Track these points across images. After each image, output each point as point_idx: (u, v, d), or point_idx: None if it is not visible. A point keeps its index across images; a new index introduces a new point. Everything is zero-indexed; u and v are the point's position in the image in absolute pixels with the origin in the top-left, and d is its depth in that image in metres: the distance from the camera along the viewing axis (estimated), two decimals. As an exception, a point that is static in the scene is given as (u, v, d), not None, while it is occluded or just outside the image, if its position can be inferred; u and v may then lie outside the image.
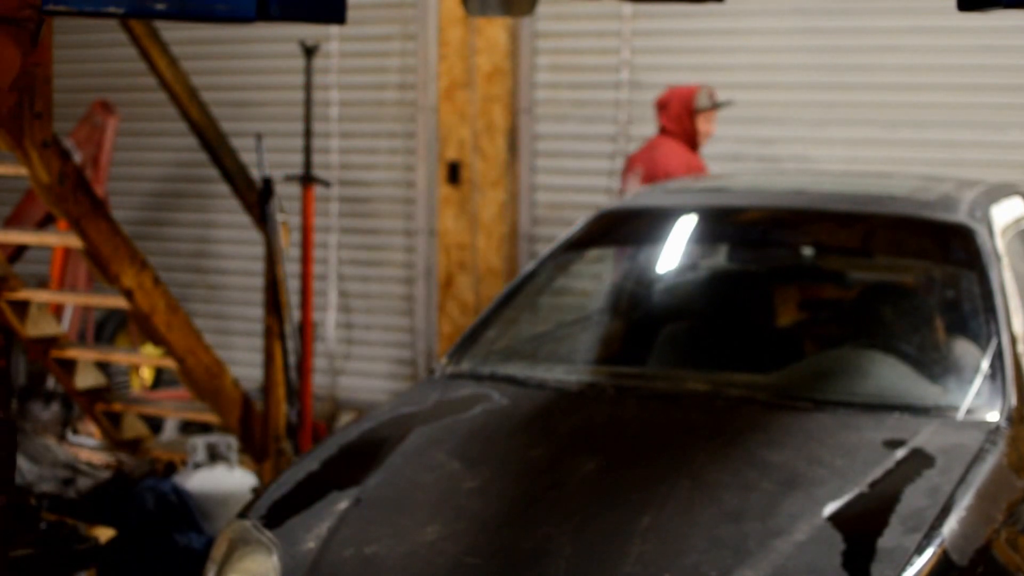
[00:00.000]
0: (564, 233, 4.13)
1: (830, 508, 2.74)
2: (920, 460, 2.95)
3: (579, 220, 4.15)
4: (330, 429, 6.23)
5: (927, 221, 3.72)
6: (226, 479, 4.66)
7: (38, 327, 4.97)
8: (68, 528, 4.01)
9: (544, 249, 4.57)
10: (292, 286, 5.71)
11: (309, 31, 6.18)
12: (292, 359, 5.10)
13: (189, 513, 4.48)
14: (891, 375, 3.43)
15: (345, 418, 6.75)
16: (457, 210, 6.74)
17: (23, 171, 4.12)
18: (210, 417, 5.06)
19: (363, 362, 7.00)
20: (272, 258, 5.02)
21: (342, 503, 2.92)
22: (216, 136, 5.18)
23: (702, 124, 5.72)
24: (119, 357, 5.52)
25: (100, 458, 4.92)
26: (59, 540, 3.93)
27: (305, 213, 5.58)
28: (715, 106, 5.74)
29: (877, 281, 4.16)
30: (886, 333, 3.64)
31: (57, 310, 6.19)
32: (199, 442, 4.73)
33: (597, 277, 4.48)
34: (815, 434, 3.09)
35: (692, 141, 5.73)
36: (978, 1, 2.62)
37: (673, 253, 4.08)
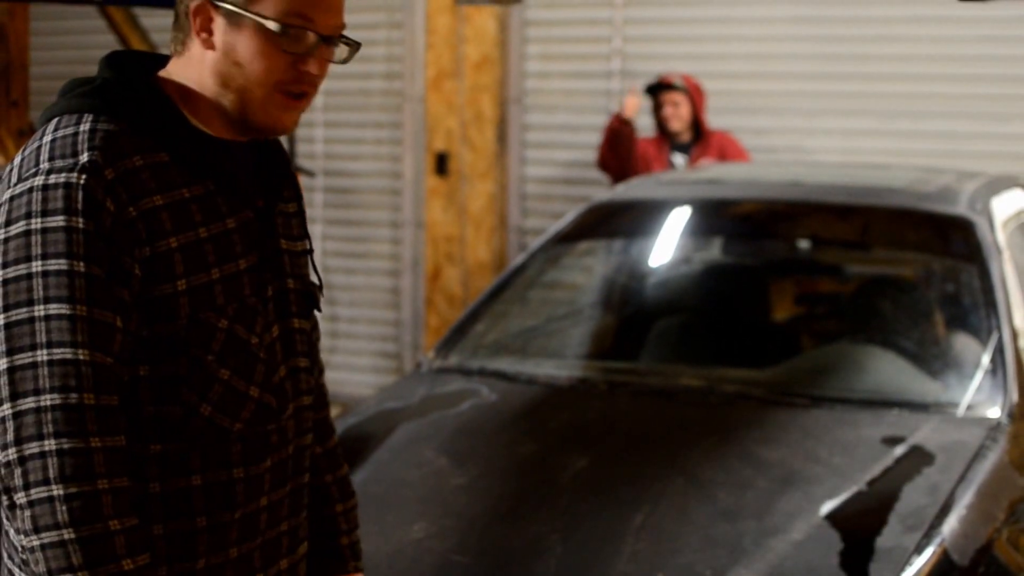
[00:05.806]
0: (554, 225, 4.09)
1: (827, 506, 2.70)
2: (920, 457, 2.92)
3: (570, 212, 4.11)
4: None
5: (926, 213, 3.69)
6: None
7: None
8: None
9: (534, 241, 4.50)
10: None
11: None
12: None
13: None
14: (890, 371, 3.40)
15: (330, 413, 6.68)
16: (445, 201, 6.67)
17: None
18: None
19: (348, 356, 6.93)
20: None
21: (326, 501, 2.86)
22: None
23: (659, 111, 5.70)
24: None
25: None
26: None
27: (291, 204, 5.49)
28: (650, 90, 5.71)
29: (875, 275, 4.14)
30: (884, 328, 3.61)
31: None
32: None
33: (588, 270, 4.44)
34: (812, 431, 3.06)
35: (661, 129, 5.73)
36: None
37: (666, 246, 4.05)
